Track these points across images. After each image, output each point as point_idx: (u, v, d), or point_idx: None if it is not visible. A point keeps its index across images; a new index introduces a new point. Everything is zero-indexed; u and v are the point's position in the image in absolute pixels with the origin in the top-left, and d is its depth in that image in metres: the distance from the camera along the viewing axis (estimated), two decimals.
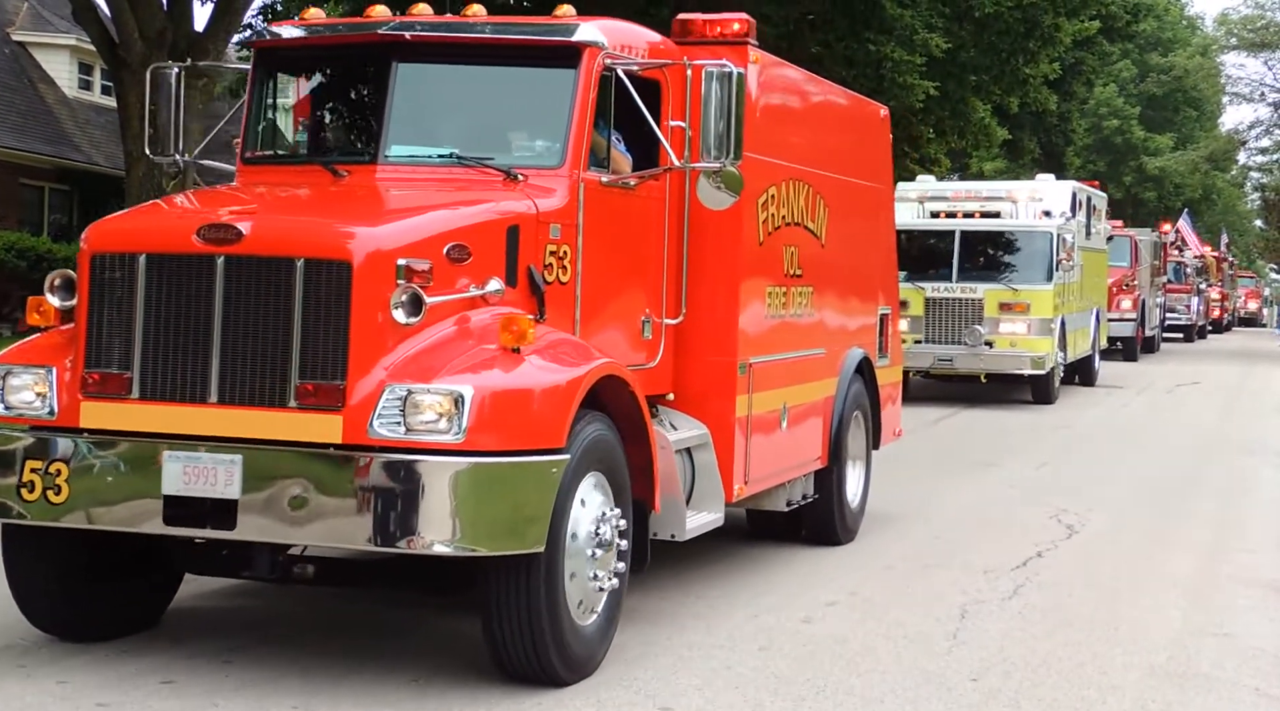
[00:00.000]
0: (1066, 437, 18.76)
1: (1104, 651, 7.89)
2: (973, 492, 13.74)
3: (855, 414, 10.87)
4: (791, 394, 9.63)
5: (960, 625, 8.34)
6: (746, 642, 7.83)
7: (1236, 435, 19.54)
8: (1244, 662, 7.79)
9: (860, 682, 7.16)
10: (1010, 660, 7.64)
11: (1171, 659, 7.78)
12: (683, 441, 8.32)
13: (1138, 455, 17.04)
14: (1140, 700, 7.05)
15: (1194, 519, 12.60)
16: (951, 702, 6.89)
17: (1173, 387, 27.35)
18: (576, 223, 7.46)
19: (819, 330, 10.23)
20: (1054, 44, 30.59)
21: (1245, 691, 7.27)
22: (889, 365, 11.89)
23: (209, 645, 7.39)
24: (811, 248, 10.01)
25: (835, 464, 10.44)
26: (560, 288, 7.40)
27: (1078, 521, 12.00)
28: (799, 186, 9.74)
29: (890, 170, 12.23)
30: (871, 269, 11.62)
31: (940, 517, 12.17)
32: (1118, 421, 21.34)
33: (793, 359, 9.67)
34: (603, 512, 7.00)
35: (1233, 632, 8.42)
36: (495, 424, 6.39)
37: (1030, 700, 6.98)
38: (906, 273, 22.06)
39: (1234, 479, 15.45)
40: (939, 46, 26.71)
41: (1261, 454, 17.55)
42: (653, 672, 7.20)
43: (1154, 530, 11.89)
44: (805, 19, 26.42)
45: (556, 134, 7.57)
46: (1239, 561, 10.68)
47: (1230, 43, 58.78)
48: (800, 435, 9.86)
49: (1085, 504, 12.86)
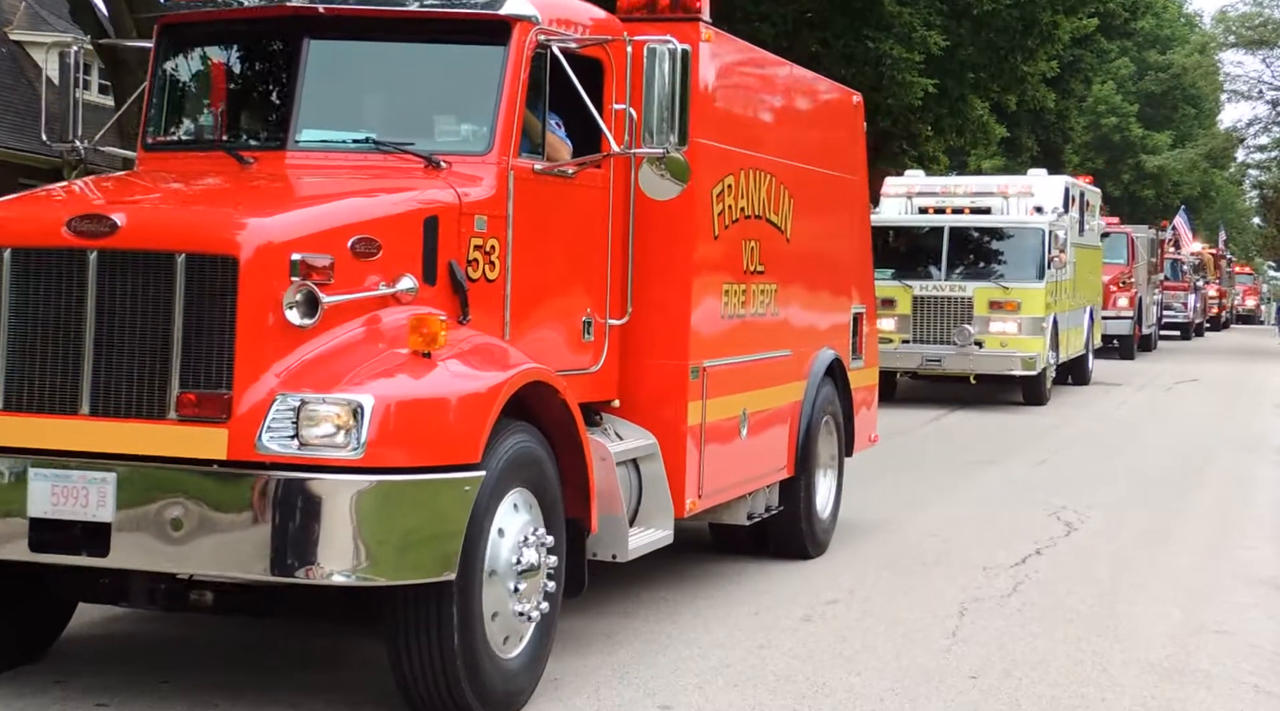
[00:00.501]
0: (1065, 436, 18.46)
1: (1103, 648, 7.81)
2: (971, 490, 13.63)
3: (825, 419, 10.14)
4: (753, 399, 8.91)
5: (959, 623, 8.26)
6: (745, 640, 7.74)
7: (1235, 432, 19.27)
8: (1243, 659, 7.70)
9: (859, 681, 7.09)
10: (1009, 657, 7.56)
11: (1170, 656, 7.70)
12: (628, 452, 7.61)
13: (1136, 452, 16.80)
14: (1139, 697, 6.98)
15: (1193, 516, 12.52)
16: (951, 700, 6.83)
17: (1171, 385, 26.97)
18: (506, 214, 6.74)
19: (784, 330, 9.49)
20: (1052, 41, 30.51)
21: (1244, 688, 7.20)
22: (864, 367, 11.18)
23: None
24: (775, 242, 9.29)
25: (803, 473, 9.70)
26: (487, 286, 6.68)
27: (1076, 519, 11.89)
28: (760, 177, 9.00)
29: (864, 160, 11.40)
30: (843, 265, 10.88)
31: (939, 516, 12.02)
32: (1116, 419, 20.99)
33: (754, 361, 8.96)
34: (527, 534, 6.30)
35: (1232, 630, 8.34)
36: (399, 437, 5.71)
37: (1029, 697, 6.91)
38: (894, 270, 21.40)
39: (1233, 476, 15.29)
40: (937, 44, 26.64)
41: (1260, 451, 17.38)
42: (652, 670, 7.12)
43: (1153, 527, 11.77)
44: (804, 17, 26.38)
45: (484, 117, 6.83)
46: (1238, 558, 10.57)
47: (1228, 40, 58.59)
48: (763, 443, 9.14)
49: (1084, 501, 12.72)
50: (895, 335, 20.87)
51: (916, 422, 19.26)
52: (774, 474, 9.45)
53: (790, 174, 9.52)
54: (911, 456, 15.88)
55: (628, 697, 6.73)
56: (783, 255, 9.42)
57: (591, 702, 6.64)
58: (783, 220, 9.43)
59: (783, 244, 9.45)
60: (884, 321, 20.56)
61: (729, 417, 8.57)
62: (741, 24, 25.43)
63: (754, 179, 8.92)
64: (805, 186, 9.79)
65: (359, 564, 5.64)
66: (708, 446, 8.24)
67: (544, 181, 7.06)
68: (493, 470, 6.05)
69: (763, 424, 9.11)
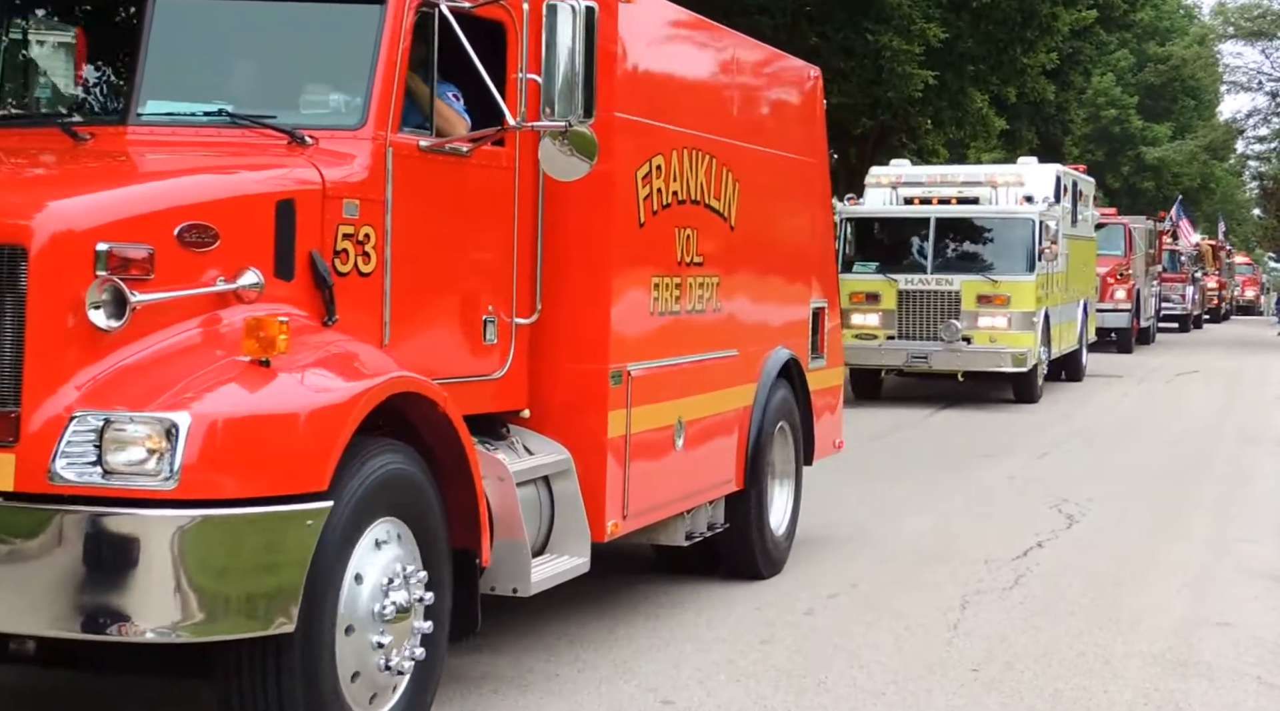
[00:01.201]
0: (1065, 430, 18.00)
1: (1105, 641, 7.71)
2: (972, 484, 13.42)
3: (780, 425, 9.13)
4: (690, 405, 7.88)
5: (961, 616, 8.17)
6: (748, 635, 7.63)
7: (1236, 424, 18.87)
8: (1245, 651, 7.60)
9: (862, 674, 7.00)
10: (1012, 650, 7.47)
11: (1173, 648, 7.61)
12: (535, 470, 6.65)
13: (1136, 445, 16.47)
14: (1142, 689, 6.89)
15: (1195, 508, 12.33)
16: (953, 693, 6.73)
17: (1171, 378, 26.50)
18: (384, 197, 5.75)
19: (729, 328, 8.42)
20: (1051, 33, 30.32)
21: (1247, 680, 7.10)
22: (825, 367, 10.07)
23: None
24: (717, 230, 8.25)
25: (753, 486, 8.67)
26: (361, 281, 5.69)
27: (1078, 511, 11.72)
28: (698, 157, 7.96)
29: (824, 141, 10.30)
30: (800, 256, 9.77)
31: (939, 510, 11.84)
32: (1117, 413, 20.43)
33: (692, 363, 7.93)
34: (396, 572, 5.33)
35: (1234, 622, 8.22)
36: (225, 463, 4.73)
37: (1032, 690, 6.82)
38: (878, 263, 20.47)
39: (1234, 468, 15.02)
40: (936, 36, 26.55)
41: (1262, 443, 17.06)
42: (654, 666, 7.01)
43: (1155, 520, 11.61)
44: (803, 10, 26.34)
45: (357, 86, 5.82)
46: (1240, 551, 10.41)
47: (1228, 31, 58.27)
48: (704, 454, 8.11)
49: (1085, 494, 12.54)
50: (880, 331, 20.11)
51: (910, 420, 18.77)
52: (718, 487, 8.41)
53: (735, 155, 8.46)
54: (909, 452, 15.62)
55: (629, 693, 6.61)
56: (726, 245, 8.41)
57: (593, 698, 6.51)
58: (726, 206, 8.39)
59: (726, 232, 8.40)
60: (868, 317, 20.16)
61: (661, 427, 7.56)
62: (740, 17, 25.37)
63: (690, 160, 7.89)
64: (754, 169, 8.73)
65: (178, 618, 4.66)
66: (634, 460, 7.22)
67: (432, 161, 6.07)
68: (346, 499, 5.06)
69: (704, 433, 8.08)
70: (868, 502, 11.98)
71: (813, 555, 9.81)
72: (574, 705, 6.45)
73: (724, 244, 8.39)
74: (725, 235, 8.41)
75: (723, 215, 8.37)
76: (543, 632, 7.53)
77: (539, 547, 6.72)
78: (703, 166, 8.06)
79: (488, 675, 6.81)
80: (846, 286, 20.21)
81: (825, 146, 10.35)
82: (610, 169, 6.83)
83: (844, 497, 12.41)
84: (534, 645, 7.33)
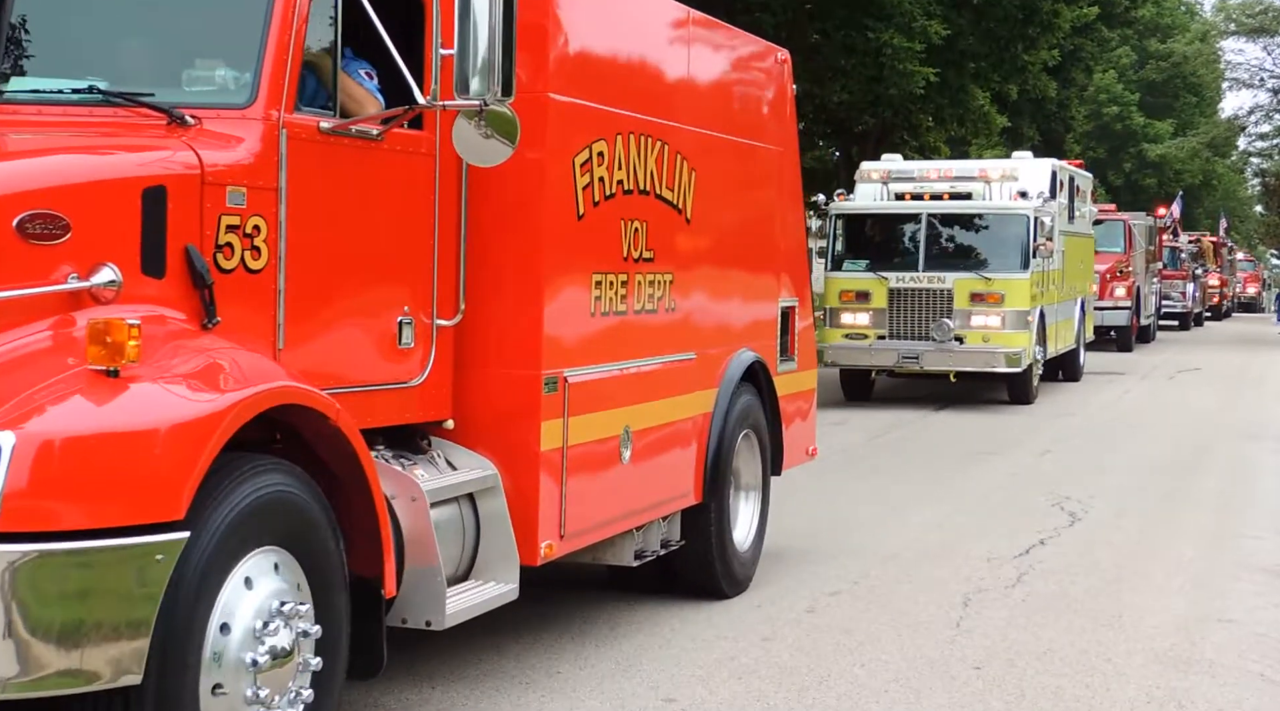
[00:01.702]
0: (1066, 427, 17.83)
1: (1108, 638, 7.62)
2: (974, 481, 13.26)
3: (745, 433, 8.43)
4: (639, 414, 7.18)
5: (963, 613, 8.10)
6: (749, 633, 7.55)
7: (1238, 421, 18.64)
8: (1248, 648, 7.50)
9: (864, 672, 6.92)
10: (1014, 648, 7.38)
11: (1175, 645, 7.52)
12: (456, 487, 5.96)
13: (1138, 442, 16.28)
14: (1144, 686, 6.79)
15: (1197, 505, 12.17)
16: (955, 691, 6.64)
17: (1174, 373, 26.14)
18: (277, 185, 5.07)
19: (684, 329, 7.71)
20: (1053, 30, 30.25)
21: (1250, 677, 7.01)
22: (796, 370, 9.33)
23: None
24: (670, 224, 7.53)
25: (713, 498, 7.98)
26: (249, 278, 4.99)
27: (1080, 508, 11.61)
28: (648, 144, 7.25)
29: (793, 129, 9.48)
30: (767, 251, 9.00)
31: (942, 506, 11.74)
32: (1117, 410, 20.08)
33: (641, 368, 7.24)
34: (273, 609, 4.60)
35: (1237, 618, 8.13)
36: (55, 489, 4.05)
37: (1034, 688, 6.72)
38: (869, 261, 19.83)
39: (1236, 465, 14.86)
40: (938, 34, 26.52)
41: (1263, 439, 16.86)
42: (655, 663, 6.92)
43: (1157, 517, 11.48)
44: (804, 7, 26.31)
45: (246, 60, 5.16)
46: (1243, 547, 10.29)
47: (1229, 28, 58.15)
48: (657, 466, 7.40)
49: (1087, 491, 12.44)
50: (870, 331, 19.46)
51: (908, 418, 18.41)
52: (674, 501, 7.71)
53: (692, 142, 7.75)
54: (911, 449, 15.39)
55: (631, 690, 6.51)
56: (682, 239, 7.69)
57: (595, 695, 6.43)
58: (680, 197, 7.64)
59: (681, 226, 7.67)
60: (858, 316, 19.56)
61: (604, 438, 6.86)
62: (742, 15, 25.37)
63: (638, 146, 7.16)
64: (714, 158, 8.04)
65: (5, 670, 3.96)
66: (572, 475, 6.51)
67: (336, 144, 5.38)
68: (211, 530, 4.36)
69: (656, 443, 7.39)
70: (869, 499, 11.94)
71: (814, 552, 9.74)
72: (575, 702, 6.37)
73: (679, 238, 7.65)
74: (680, 229, 7.67)
75: (677, 207, 7.63)
76: (544, 629, 7.50)
77: (462, 573, 6.04)
78: (653, 154, 7.33)
79: (489, 672, 6.73)
80: (836, 285, 19.91)
81: (795, 134, 9.55)
82: (543, 155, 6.20)
83: (845, 494, 12.39)
84: (535, 642, 7.25)
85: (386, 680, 6.31)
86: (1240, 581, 9.26)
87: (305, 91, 5.35)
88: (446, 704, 6.30)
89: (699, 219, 7.84)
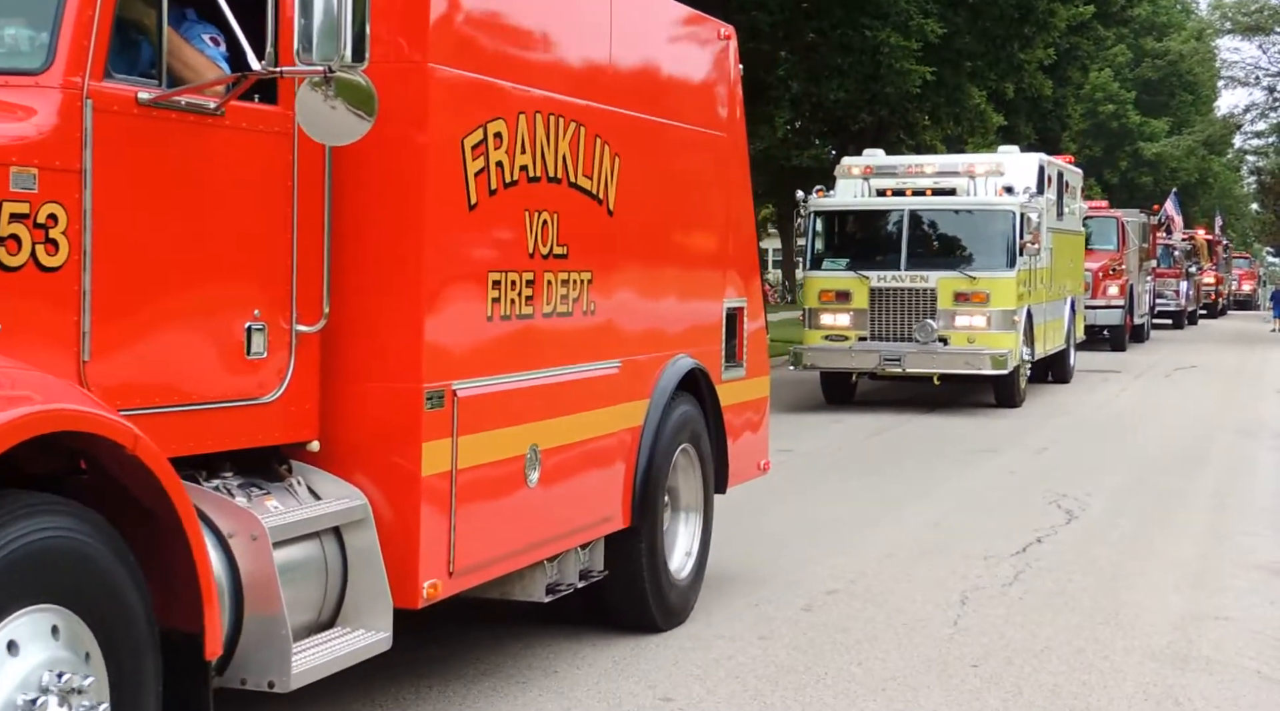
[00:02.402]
0: (1062, 425, 17.80)
1: (1105, 636, 7.59)
2: (971, 479, 13.23)
3: (683, 448, 7.55)
4: (550, 430, 6.24)
5: (961, 611, 8.06)
6: (746, 632, 7.51)
7: (1233, 419, 18.60)
8: (1245, 646, 7.48)
9: (861, 670, 6.89)
10: (1011, 646, 7.36)
11: (1172, 643, 7.50)
12: (316, 521, 5.09)
13: (1134, 440, 16.19)
14: (1141, 684, 6.77)
15: (1194, 502, 12.13)
16: (953, 689, 6.62)
17: (1170, 371, 25.99)
18: (81, 166, 4.33)
19: (607, 335, 6.78)
20: (1049, 29, 30.31)
21: (1247, 674, 6.99)
22: (745, 378, 8.42)
23: None
24: (588, 215, 6.57)
25: (644, 522, 7.09)
26: (43, 277, 4.23)
27: (1077, 506, 11.55)
28: (559, 124, 6.30)
29: (739, 112, 8.51)
30: (708, 247, 8.10)
31: (939, 504, 11.72)
32: (1113, 408, 19.97)
33: (553, 379, 6.29)
34: (42, 683, 3.86)
35: (1234, 616, 8.10)
36: None
37: (1031, 685, 6.70)
38: (849, 260, 19.18)
39: (1233, 462, 14.81)
40: (934, 32, 26.55)
41: (1260, 436, 16.83)
42: (653, 663, 6.88)
43: (1154, 514, 11.42)
44: (800, 6, 26.33)
45: (43, 17, 4.39)
46: (1239, 544, 10.24)
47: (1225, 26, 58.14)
48: (572, 489, 6.48)
49: (1084, 489, 12.38)
50: (851, 332, 18.77)
51: (900, 419, 18.28)
52: (596, 527, 6.83)
53: (616, 124, 6.82)
54: (904, 448, 15.27)
55: (628, 690, 6.47)
56: (603, 234, 6.73)
57: (592, 695, 6.38)
58: (601, 186, 6.70)
59: (602, 218, 6.73)
60: (838, 317, 18.87)
61: (505, 459, 5.93)
62: (738, 14, 25.38)
63: (547, 127, 6.23)
64: (643, 143, 7.12)
65: None
66: (464, 503, 5.60)
67: (162, 119, 4.58)
68: None
69: (572, 463, 6.48)
70: (865, 497, 11.90)
71: (811, 550, 9.70)
72: (572, 701, 6.32)
73: (599, 232, 6.69)
74: (601, 222, 6.72)
75: (597, 197, 6.67)
76: (541, 629, 7.48)
77: (326, 619, 5.19)
78: (566, 136, 6.37)
79: (486, 672, 6.66)
80: (815, 284, 19.29)
81: (741, 119, 8.57)
82: (425, 135, 5.36)
83: (842, 492, 12.37)
84: (532, 641, 7.22)
85: (384, 678, 6.30)
86: (1237, 579, 9.24)
87: (136, 59, 4.61)
88: (443, 702, 6.26)
89: (625, 210, 6.90)
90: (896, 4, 25.62)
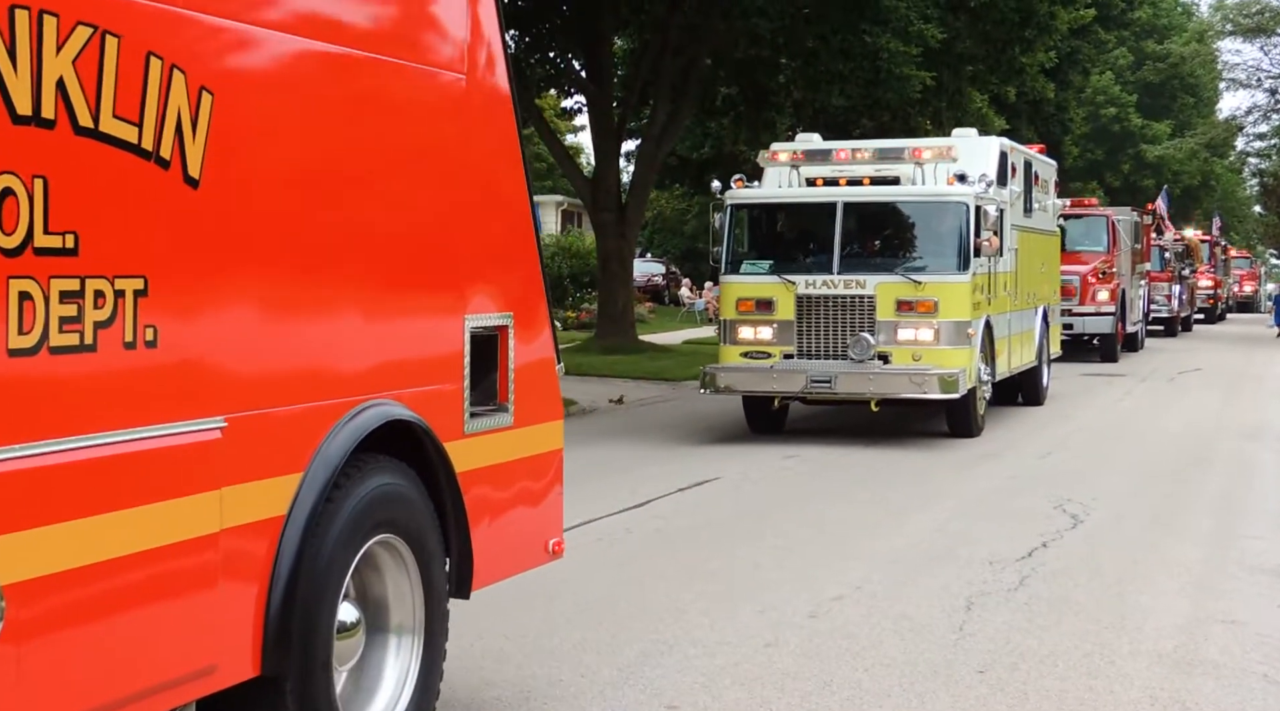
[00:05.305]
0: (1065, 429, 17.63)
1: (1111, 640, 7.58)
2: (975, 484, 13.14)
3: (380, 541, 5.22)
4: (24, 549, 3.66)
5: (966, 617, 8.05)
6: (752, 639, 7.51)
7: (1237, 422, 18.53)
8: (1251, 649, 7.45)
9: (867, 677, 6.89)
10: (1017, 651, 7.34)
11: (1179, 647, 7.47)
12: None
13: (1138, 444, 16.12)
14: (1148, 689, 6.76)
15: (1199, 506, 12.12)
16: (959, 695, 6.61)
17: (1173, 376, 25.92)
18: None
19: (188, 378, 4.24)
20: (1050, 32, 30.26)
21: (1254, 678, 6.96)
22: (511, 427, 6.04)
23: None
24: (131, 185, 4.06)
25: (290, 666, 4.68)
26: None
27: (1082, 510, 11.52)
28: (54, 29, 3.75)
29: (497, 50, 6.01)
30: (430, 242, 5.56)
31: (943, 509, 11.67)
32: (1117, 413, 19.87)
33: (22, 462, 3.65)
34: None
35: (1240, 619, 8.08)
36: None
37: (1038, 691, 6.69)
38: (772, 262, 16.28)
39: (1237, 465, 14.70)
40: (934, 37, 26.57)
41: (1263, 439, 16.81)
42: (658, 671, 6.88)
43: (1159, 518, 11.38)
44: (801, 12, 26.35)
45: None
46: (1245, 548, 10.18)
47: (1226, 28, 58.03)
48: (99, 639, 3.91)
49: (1089, 493, 12.37)
50: (774, 348, 15.80)
51: (912, 414, 18.06)
52: (178, 686, 4.27)
53: (208, 40, 4.34)
54: (908, 454, 15.19)
55: (634, 698, 6.47)
56: (171, 214, 4.21)
57: (597, 704, 6.38)
58: (166, 138, 4.17)
59: (167, 189, 4.19)
60: (760, 330, 15.96)
61: None
62: (738, 19, 25.41)
63: (31, 32, 3.70)
64: (273, 74, 4.72)
65: None
66: None
67: None
68: None
69: (93, 599, 3.91)
70: (869, 503, 11.88)
71: (815, 557, 9.70)
72: (577, 710, 6.36)
73: (161, 212, 4.19)
74: (164, 195, 4.19)
75: (154, 155, 4.14)
76: (545, 638, 7.47)
77: None
78: (76, 50, 3.86)
79: (490, 681, 6.69)
80: (733, 291, 16.27)
81: (499, 59, 6.06)
82: None
83: (845, 498, 12.36)
84: (536, 651, 7.22)
85: None
86: (1243, 582, 9.22)
87: None
88: None
89: (228, 180, 4.43)
90: (896, 9, 25.61)
